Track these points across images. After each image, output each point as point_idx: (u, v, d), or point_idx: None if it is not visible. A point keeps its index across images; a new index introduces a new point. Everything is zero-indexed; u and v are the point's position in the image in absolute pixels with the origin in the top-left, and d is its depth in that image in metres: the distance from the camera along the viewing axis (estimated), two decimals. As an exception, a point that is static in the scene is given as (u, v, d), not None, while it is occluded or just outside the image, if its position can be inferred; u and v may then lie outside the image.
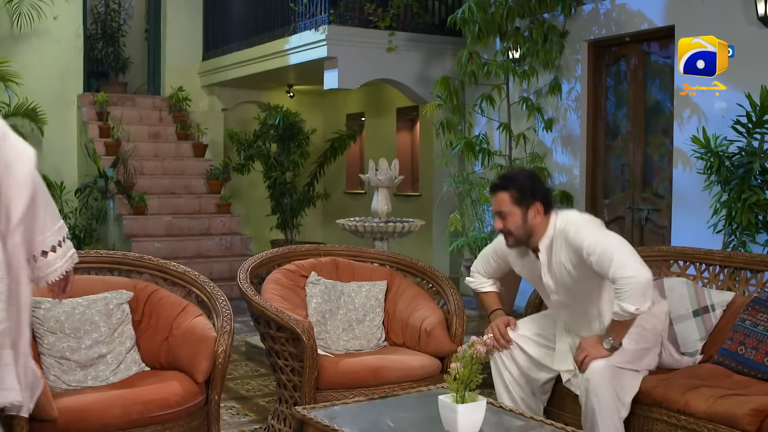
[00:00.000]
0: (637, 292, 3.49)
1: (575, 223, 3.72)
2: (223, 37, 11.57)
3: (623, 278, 3.50)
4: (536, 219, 3.75)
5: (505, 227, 3.79)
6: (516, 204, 3.75)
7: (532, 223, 3.75)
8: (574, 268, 3.71)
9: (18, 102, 10.18)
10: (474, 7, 7.95)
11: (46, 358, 3.66)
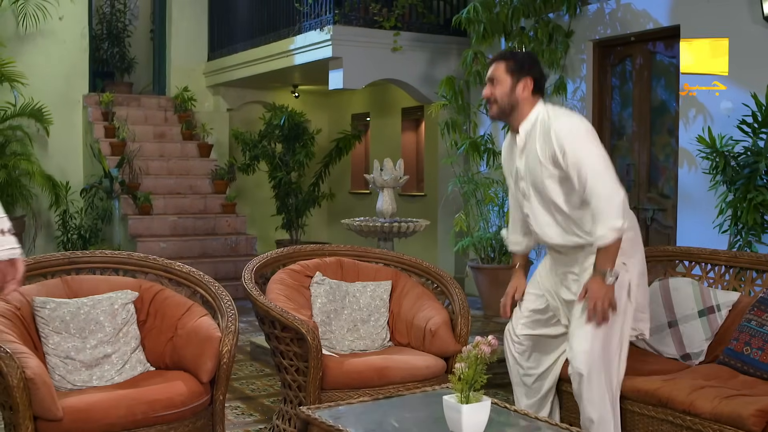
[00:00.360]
0: (618, 209, 3.47)
1: (563, 120, 3.66)
2: (229, 38, 11.58)
3: (603, 195, 3.48)
4: (523, 93, 3.74)
5: (492, 94, 3.79)
6: (509, 73, 3.75)
7: (519, 96, 3.74)
8: (544, 159, 3.65)
9: (24, 102, 10.19)
10: (479, 7, 7.94)
11: (51, 358, 3.67)
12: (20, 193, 10.01)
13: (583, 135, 3.59)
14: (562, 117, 3.68)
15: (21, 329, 3.62)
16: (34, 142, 10.34)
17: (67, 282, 3.98)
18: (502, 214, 8.34)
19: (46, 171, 10.12)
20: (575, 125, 3.64)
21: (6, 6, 10.08)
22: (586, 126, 3.66)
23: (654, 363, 4.13)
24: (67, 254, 4.11)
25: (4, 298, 3.67)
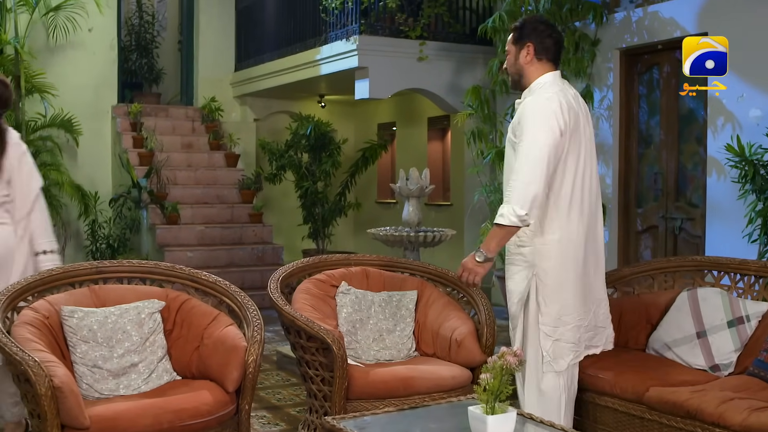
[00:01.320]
0: (525, 199, 3.54)
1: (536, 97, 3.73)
2: (255, 48, 11.64)
3: (518, 180, 3.59)
4: (526, 59, 3.79)
5: (506, 65, 3.93)
6: (513, 43, 3.86)
7: (522, 63, 3.81)
8: (512, 124, 3.80)
9: (54, 113, 10.30)
10: (505, 16, 7.93)
11: (79, 367, 3.70)
12: (50, 203, 10.02)
13: (541, 118, 3.62)
14: (541, 94, 3.72)
15: (49, 338, 3.66)
16: (63, 153, 10.45)
17: (94, 291, 4.01)
18: (529, 223, 8.29)
19: (76, 181, 10.23)
20: (541, 106, 3.67)
21: (36, 18, 10.20)
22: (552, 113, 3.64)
23: (682, 374, 4.09)
24: (95, 264, 4.14)
25: (32, 306, 3.73)
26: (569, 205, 3.72)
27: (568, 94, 3.78)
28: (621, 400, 4.03)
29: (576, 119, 3.73)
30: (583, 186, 3.75)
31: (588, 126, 3.84)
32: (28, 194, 4.34)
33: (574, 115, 3.72)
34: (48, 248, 4.33)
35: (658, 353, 4.43)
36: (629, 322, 4.58)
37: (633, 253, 7.92)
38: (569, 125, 3.67)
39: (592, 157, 3.83)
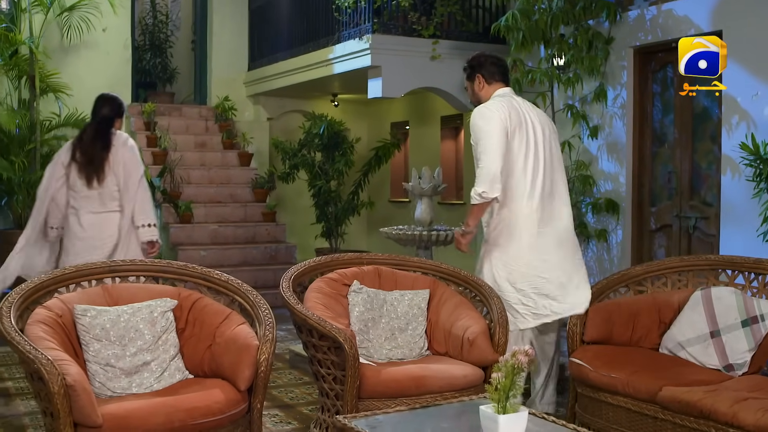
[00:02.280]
0: (483, 179, 4.45)
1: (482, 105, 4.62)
2: (268, 47, 11.66)
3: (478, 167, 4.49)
4: (480, 87, 4.78)
5: (469, 97, 4.91)
6: (467, 80, 4.89)
7: (478, 91, 4.79)
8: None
9: (68, 113, 10.36)
10: (518, 14, 7.90)
11: (92, 365, 3.71)
12: (64, 203, 10.16)
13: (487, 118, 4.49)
14: (487, 104, 4.63)
15: (62, 336, 3.67)
16: (78, 152, 10.48)
17: (107, 290, 4.02)
18: (542, 222, 8.28)
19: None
20: (485, 109, 4.55)
21: (51, 18, 10.25)
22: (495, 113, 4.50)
23: (696, 374, 4.07)
24: (108, 262, 4.16)
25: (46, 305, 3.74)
26: (516, 193, 4.56)
27: (513, 102, 4.66)
28: (634, 399, 4.02)
29: (519, 121, 4.57)
30: (534, 178, 4.57)
31: (539, 129, 4.63)
32: (133, 183, 5.44)
33: (516, 116, 4.57)
34: (146, 222, 5.42)
35: (671, 353, 4.41)
36: (642, 321, 4.57)
37: (646, 251, 7.89)
38: (511, 123, 4.52)
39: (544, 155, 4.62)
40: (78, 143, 5.52)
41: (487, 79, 4.74)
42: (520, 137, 4.55)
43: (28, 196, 9.83)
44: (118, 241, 5.44)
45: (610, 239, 8.11)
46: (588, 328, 4.52)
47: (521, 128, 4.56)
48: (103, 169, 5.38)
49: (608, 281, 4.77)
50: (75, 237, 5.46)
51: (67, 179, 5.47)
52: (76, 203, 5.45)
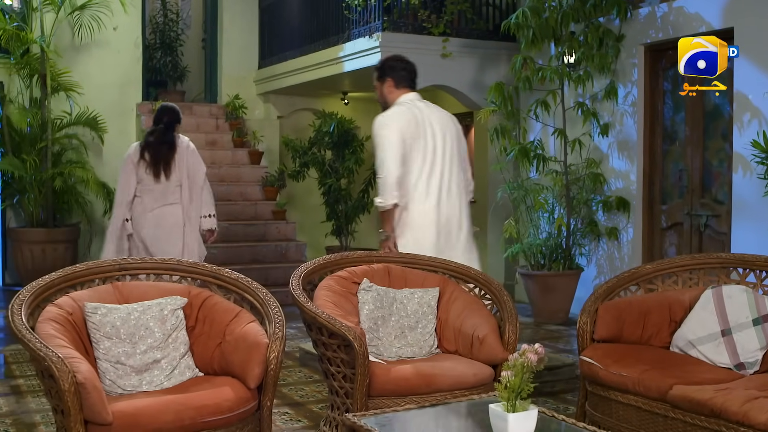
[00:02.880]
0: (382, 188, 4.80)
1: (384, 113, 4.91)
2: (279, 46, 11.67)
3: (378, 176, 4.82)
4: (389, 93, 5.00)
5: (377, 96, 5.11)
6: (377, 80, 5.08)
7: (387, 96, 5.00)
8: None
9: (79, 111, 10.41)
10: (528, 12, 7.90)
11: (102, 363, 3.72)
12: (75, 200, 10.22)
13: (386, 127, 4.80)
14: (389, 111, 4.90)
15: (73, 334, 3.68)
16: (89, 150, 10.55)
17: (117, 288, 4.03)
18: (552, 220, 8.27)
19: (101, 178, 10.31)
20: (385, 118, 4.84)
21: (62, 17, 10.29)
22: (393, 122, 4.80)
23: (706, 372, 4.05)
24: (118, 260, 4.17)
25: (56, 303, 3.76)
26: (415, 196, 4.88)
27: (414, 109, 4.91)
28: (644, 398, 4.00)
29: (418, 128, 4.85)
30: (429, 180, 4.89)
31: (439, 134, 4.92)
32: (198, 181, 6.54)
33: (415, 123, 4.85)
34: (208, 213, 6.46)
35: (682, 351, 4.39)
36: (653, 319, 4.54)
37: (657, 250, 7.87)
38: (409, 130, 4.80)
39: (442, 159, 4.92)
40: (146, 145, 6.52)
41: (397, 84, 5.01)
42: (419, 144, 4.85)
43: (39, 194, 9.89)
44: (183, 228, 6.49)
45: (620, 237, 8.09)
46: (598, 326, 4.50)
47: (421, 135, 4.86)
48: (169, 167, 6.40)
49: (618, 279, 4.75)
50: (143, 226, 6.46)
51: (135, 175, 6.47)
52: (143, 195, 6.45)
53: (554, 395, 5.60)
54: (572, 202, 8.21)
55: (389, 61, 5.09)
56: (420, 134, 4.87)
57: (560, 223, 8.18)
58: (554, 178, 8.20)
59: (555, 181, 8.19)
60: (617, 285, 4.73)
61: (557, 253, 8.22)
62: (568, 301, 8.17)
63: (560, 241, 8.24)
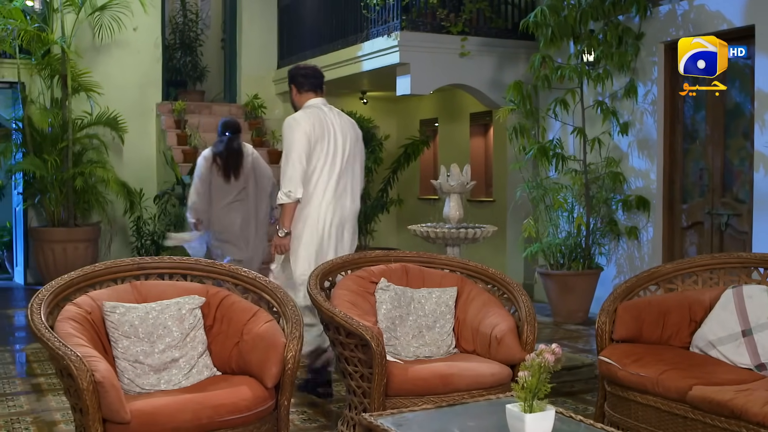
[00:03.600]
0: (286, 183, 5.15)
1: (292, 115, 5.35)
2: (298, 45, 11.68)
3: (282, 173, 5.22)
4: (294, 97, 5.51)
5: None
6: (288, 84, 5.55)
7: (295, 100, 5.51)
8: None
9: (99, 111, 10.47)
10: (547, 10, 7.87)
11: (120, 362, 3.74)
12: (96, 200, 10.28)
13: (292, 129, 5.19)
14: (296, 114, 5.36)
15: (92, 333, 3.70)
16: (109, 150, 10.61)
17: (136, 287, 4.05)
18: (572, 219, 8.23)
19: (121, 178, 10.37)
20: (290, 122, 5.25)
21: (83, 18, 10.35)
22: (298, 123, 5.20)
23: (726, 373, 4.02)
24: (137, 260, 4.19)
25: (75, 302, 3.78)
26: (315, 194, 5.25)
27: (319, 113, 5.33)
28: (664, 398, 3.97)
29: (322, 130, 5.26)
30: (329, 180, 5.28)
31: (340, 138, 5.31)
32: (266, 187, 7.33)
33: (320, 126, 5.25)
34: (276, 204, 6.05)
35: (702, 351, 4.36)
36: (672, 319, 4.51)
37: (678, 249, 7.81)
38: (314, 133, 5.22)
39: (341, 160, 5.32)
40: (216, 152, 7.22)
41: (299, 90, 5.46)
42: (322, 145, 5.26)
43: (60, 193, 9.96)
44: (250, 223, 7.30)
45: (640, 237, 8.05)
46: (617, 326, 4.47)
47: (323, 137, 5.27)
48: (238, 170, 7.18)
49: (638, 279, 4.72)
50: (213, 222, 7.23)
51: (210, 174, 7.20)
52: (215, 193, 7.18)
53: (573, 395, 5.58)
54: (592, 201, 8.17)
55: (292, 69, 5.59)
56: (323, 136, 5.28)
57: (579, 223, 8.14)
58: (573, 177, 8.16)
59: (574, 180, 8.15)
60: (636, 285, 4.70)
61: (576, 253, 8.18)
62: (587, 300, 8.13)
63: (579, 241, 8.20)
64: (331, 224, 5.31)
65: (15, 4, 9.76)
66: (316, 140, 5.25)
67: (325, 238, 5.29)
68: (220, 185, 7.21)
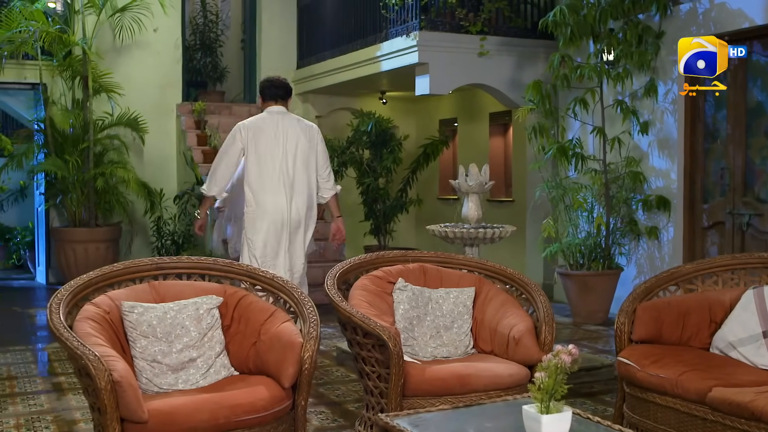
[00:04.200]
0: (208, 180, 6.10)
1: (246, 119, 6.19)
2: (317, 45, 11.70)
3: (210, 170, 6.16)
4: (261, 105, 6.25)
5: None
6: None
7: (261, 107, 6.25)
8: None
9: (120, 112, 10.53)
10: (566, 9, 7.83)
11: (139, 361, 3.76)
12: (117, 200, 10.34)
13: (232, 131, 6.03)
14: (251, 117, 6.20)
15: (110, 333, 3.72)
16: (130, 151, 10.67)
17: (154, 287, 4.07)
18: (591, 219, 8.19)
19: (142, 178, 10.43)
20: (238, 124, 6.06)
21: (103, 19, 10.42)
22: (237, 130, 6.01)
23: (747, 374, 3.98)
24: (155, 260, 4.21)
25: (94, 301, 3.79)
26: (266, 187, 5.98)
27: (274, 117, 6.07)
28: (683, 400, 3.94)
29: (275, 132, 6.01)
30: (280, 176, 6.00)
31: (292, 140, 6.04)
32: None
33: (273, 128, 6.01)
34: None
35: (722, 353, 4.32)
36: (692, 320, 4.48)
37: (699, 249, 7.75)
38: (263, 134, 5.98)
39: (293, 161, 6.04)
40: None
41: (264, 99, 6.21)
42: (272, 146, 5.99)
43: (81, 194, 10.03)
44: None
45: (661, 237, 7.99)
46: (636, 326, 4.44)
47: (274, 139, 5.99)
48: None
49: (657, 279, 4.69)
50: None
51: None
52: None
53: (593, 396, 5.55)
54: (612, 201, 8.13)
55: (262, 82, 6.35)
56: (275, 138, 6.02)
57: (599, 222, 8.09)
58: (593, 177, 8.12)
59: (594, 179, 8.11)
60: (656, 285, 4.67)
61: (596, 253, 8.14)
62: (607, 301, 8.09)
63: (599, 241, 8.15)
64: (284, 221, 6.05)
65: (37, 6, 9.83)
66: (266, 142, 6.01)
67: (277, 231, 6.03)
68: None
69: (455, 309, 4.59)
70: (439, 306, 4.58)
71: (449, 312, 4.57)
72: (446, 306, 4.59)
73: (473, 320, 4.62)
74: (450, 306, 4.59)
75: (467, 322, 4.59)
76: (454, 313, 4.58)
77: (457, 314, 4.58)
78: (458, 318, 4.57)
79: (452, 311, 4.58)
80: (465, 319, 4.58)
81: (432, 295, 4.62)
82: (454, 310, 4.58)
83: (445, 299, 4.61)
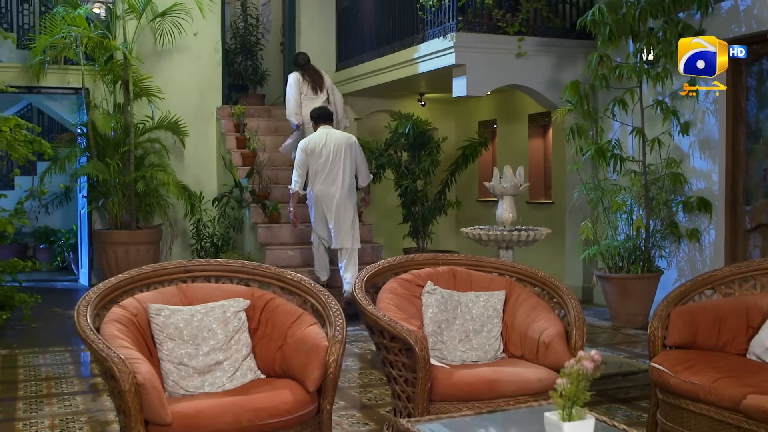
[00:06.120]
0: (293, 180, 8.49)
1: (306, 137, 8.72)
2: (355, 48, 11.70)
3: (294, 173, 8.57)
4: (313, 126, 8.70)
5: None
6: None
7: (314, 128, 8.70)
8: None
9: (161, 116, 10.63)
10: (605, 8, 7.73)
11: (165, 364, 3.77)
12: (157, 203, 10.44)
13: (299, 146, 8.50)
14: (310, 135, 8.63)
15: (137, 335, 3.75)
16: (170, 154, 10.76)
17: (182, 290, 4.09)
18: (631, 221, 8.07)
19: (182, 181, 10.51)
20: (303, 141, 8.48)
21: (144, 24, 10.53)
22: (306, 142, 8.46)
23: (782, 381, 3.87)
24: (183, 263, 4.22)
25: (121, 304, 3.82)
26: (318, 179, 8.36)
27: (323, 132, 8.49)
28: (717, 407, 3.85)
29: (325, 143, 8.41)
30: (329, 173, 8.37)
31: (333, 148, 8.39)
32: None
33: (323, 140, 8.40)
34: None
35: (759, 359, 4.22)
36: (729, 325, 4.38)
37: (741, 252, 7.59)
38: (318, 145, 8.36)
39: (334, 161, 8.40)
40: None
41: (316, 123, 8.65)
42: (323, 152, 8.36)
43: (123, 197, 10.15)
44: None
45: (702, 239, 7.85)
46: (670, 331, 4.36)
47: (324, 147, 8.37)
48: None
49: (693, 283, 4.59)
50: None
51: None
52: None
53: (628, 402, 5.46)
54: (651, 203, 8.00)
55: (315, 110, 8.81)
56: (324, 146, 8.37)
57: (639, 225, 7.97)
58: (632, 179, 8.00)
59: (633, 181, 7.98)
60: (691, 289, 4.57)
61: (636, 256, 8.01)
62: (647, 304, 7.95)
63: (639, 243, 8.03)
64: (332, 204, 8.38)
65: (79, 12, 9.97)
66: (320, 150, 8.36)
67: (328, 211, 8.41)
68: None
69: (485, 313, 4.54)
70: (468, 309, 4.54)
71: (479, 316, 4.53)
72: (476, 309, 4.54)
73: (503, 324, 4.56)
74: (480, 309, 4.54)
75: (497, 326, 4.54)
76: (483, 316, 4.53)
77: (487, 318, 4.53)
78: (488, 322, 4.52)
79: (482, 315, 4.53)
80: (495, 323, 4.53)
81: (461, 299, 4.57)
82: (483, 313, 4.53)
83: (474, 303, 4.56)
